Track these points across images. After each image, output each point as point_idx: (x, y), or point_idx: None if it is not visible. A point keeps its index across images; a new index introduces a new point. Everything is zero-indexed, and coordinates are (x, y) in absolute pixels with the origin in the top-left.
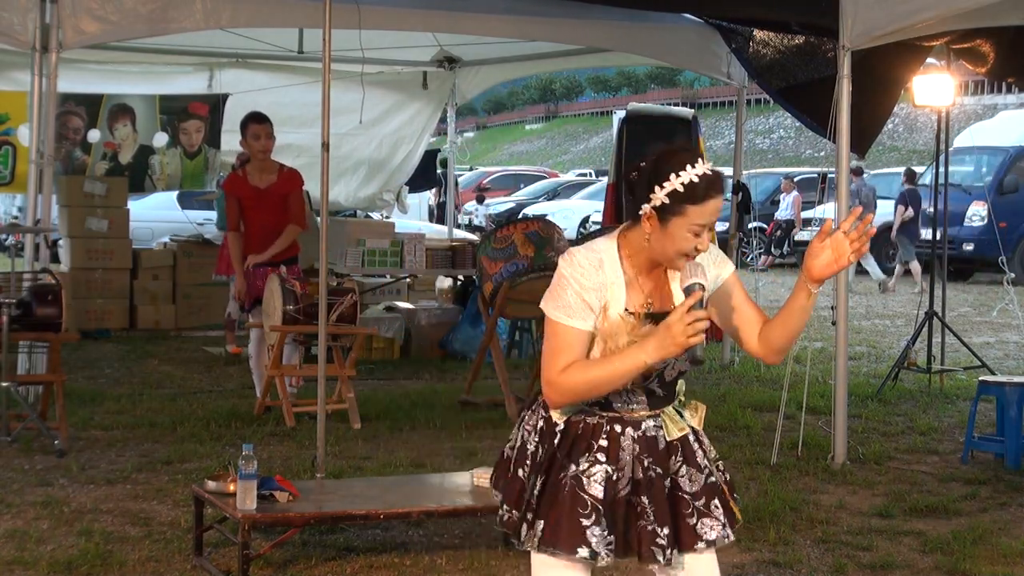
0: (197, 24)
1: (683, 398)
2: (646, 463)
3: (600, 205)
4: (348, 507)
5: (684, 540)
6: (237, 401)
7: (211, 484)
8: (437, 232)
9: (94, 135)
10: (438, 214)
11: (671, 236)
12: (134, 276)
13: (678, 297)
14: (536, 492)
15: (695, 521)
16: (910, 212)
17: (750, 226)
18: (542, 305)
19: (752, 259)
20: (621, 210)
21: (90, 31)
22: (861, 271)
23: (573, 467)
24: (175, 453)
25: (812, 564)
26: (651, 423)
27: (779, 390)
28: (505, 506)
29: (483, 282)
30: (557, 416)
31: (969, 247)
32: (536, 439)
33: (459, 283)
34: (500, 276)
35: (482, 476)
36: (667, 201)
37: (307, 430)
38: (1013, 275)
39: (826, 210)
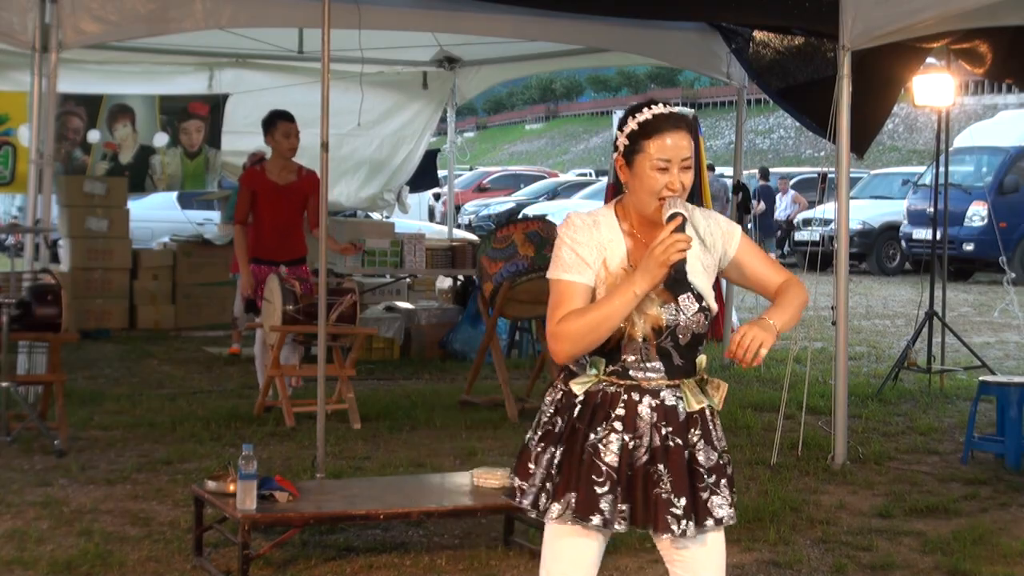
0: (197, 24)
1: (706, 376)
2: (664, 432)
3: (600, 205)
4: (348, 507)
5: (698, 514)
6: (237, 401)
7: (211, 484)
8: (437, 232)
9: (94, 135)
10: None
11: (639, 177)
12: (134, 276)
13: None
14: (557, 463)
15: (707, 496)
16: (762, 206)
17: (749, 226)
18: (548, 275)
19: None
20: None
21: (90, 31)
22: None
23: (592, 436)
24: (175, 453)
25: (812, 564)
26: (669, 393)
27: (779, 390)
28: (511, 475)
29: (483, 282)
30: (577, 388)
31: (969, 247)
32: (552, 411)
33: (459, 283)
34: (500, 276)
35: (482, 476)
36: (628, 142)
37: (307, 430)
38: (1013, 275)
39: (827, 210)
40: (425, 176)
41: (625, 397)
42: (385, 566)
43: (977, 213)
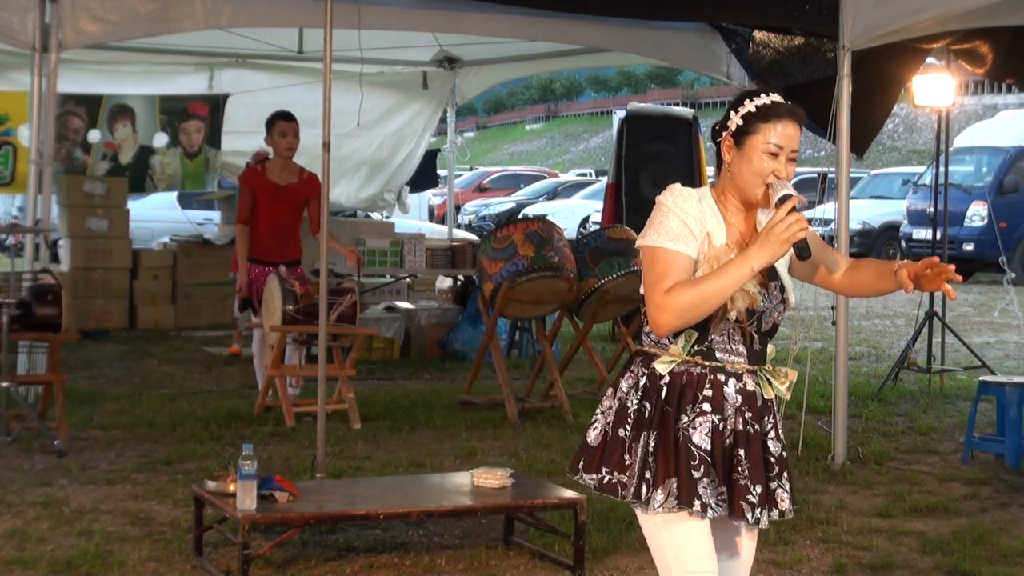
0: (197, 24)
1: (771, 366)
2: (746, 416)
3: (600, 205)
4: (348, 507)
5: (768, 504)
6: (237, 401)
7: (211, 484)
8: (437, 232)
9: (94, 135)
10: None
11: (747, 158)
12: (134, 276)
13: None
14: (652, 448)
15: (775, 487)
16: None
17: None
18: (639, 242)
19: None
20: (621, 210)
21: (90, 31)
22: None
23: (684, 418)
24: (175, 453)
25: (812, 564)
26: (750, 379)
27: None
28: (604, 469)
29: (483, 282)
30: (662, 368)
31: (969, 247)
32: (639, 396)
33: (459, 283)
34: (500, 276)
35: (482, 476)
36: (741, 123)
37: (307, 430)
38: (1013, 275)
39: (827, 210)
40: (425, 176)
41: (711, 378)
42: (385, 566)
43: (977, 213)
